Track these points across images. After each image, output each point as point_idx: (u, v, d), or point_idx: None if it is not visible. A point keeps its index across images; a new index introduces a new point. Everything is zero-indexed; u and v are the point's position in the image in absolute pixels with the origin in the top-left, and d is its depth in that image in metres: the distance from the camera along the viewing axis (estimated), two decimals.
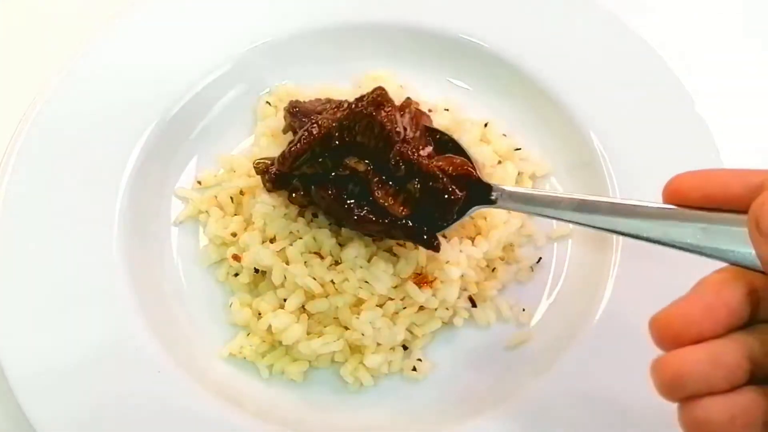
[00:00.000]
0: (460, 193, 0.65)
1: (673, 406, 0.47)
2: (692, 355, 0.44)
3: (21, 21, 0.95)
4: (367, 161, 0.66)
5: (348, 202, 0.67)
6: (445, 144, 0.70)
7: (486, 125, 0.82)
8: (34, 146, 0.75)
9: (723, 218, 0.47)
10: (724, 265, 0.48)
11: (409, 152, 0.65)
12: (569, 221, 0.60)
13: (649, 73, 0.79)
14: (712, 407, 0.43)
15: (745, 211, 0.44)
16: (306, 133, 0.67)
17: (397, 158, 0.65)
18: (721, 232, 0.47)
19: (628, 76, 0.80)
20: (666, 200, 0.51)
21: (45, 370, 0.65)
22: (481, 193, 0.66)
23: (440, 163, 0.67)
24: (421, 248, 0.70)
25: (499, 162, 0.79)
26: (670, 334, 0.45)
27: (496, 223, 0.74)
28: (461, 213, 0.67)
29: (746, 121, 0.84)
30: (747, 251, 0.45)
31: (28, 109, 0.76)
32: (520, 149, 0.81)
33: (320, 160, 0.67)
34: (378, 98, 0.66)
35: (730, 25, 0.95)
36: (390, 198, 0.66)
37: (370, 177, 0.66)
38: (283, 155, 0.69)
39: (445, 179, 0.65)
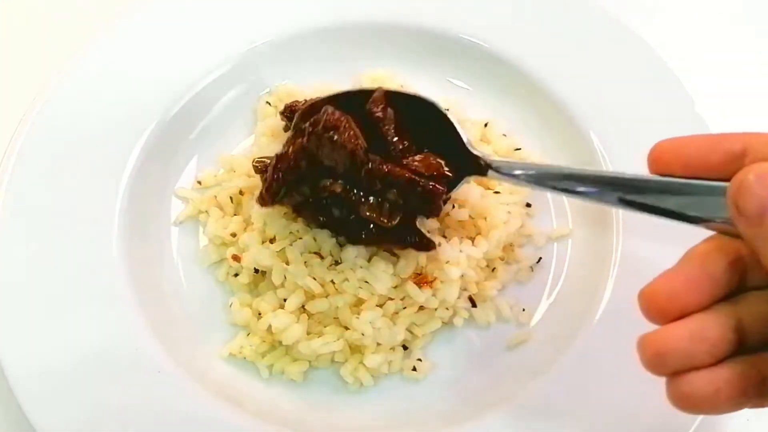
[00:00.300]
0: (441, 188, 0.65)
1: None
2: (673, 333, 0.45)
3: (21, 21, 0.95)
4: (341, 181, 0.65)
5: (339, 221, 0.67)
6: (425, 111, 0.68)
7: (486, 125, 0.82)
8: (34, 146, 0.75)
9: (704, 188, 0.47)
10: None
11: (378, 169, 0.64)
12: (554, 189, 0.59)
13: (649, 73, 0.79)
14: (695, 382, 0.44)
15: (727, 179, 0.44)
16: (274, 169, 0.67)
17: (369, 177, 0.65)
18: (702, 202, 0.48)
19: (628, 76, 0.80)
20: (650, 169, 0.51)
21: (45, 370, 0.65)
22: (470, 163, 0.65)
23: (416, 162, 0.66)
24: None
25: None
26: (656, 308, 0.46)
27: (496, 223, 0.74)
28: (452, 186, 0.66)
29: (746, 121, 0.84)
30: (729, 219, 0.45)
31: (28, 109, 0.76)
32: (520, 149, 0.81)
33: (298, 187, 0.67)
34: (330, 122, 0.64)
35: (731, 25, 0.95)
36: (375, 212, 0.65)
37: (350, 196, 0.65)
38: (261, 196, 0.68)
39: (422, 181, 0.65)
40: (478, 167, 0.65)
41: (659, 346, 0.45)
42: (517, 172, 0.62)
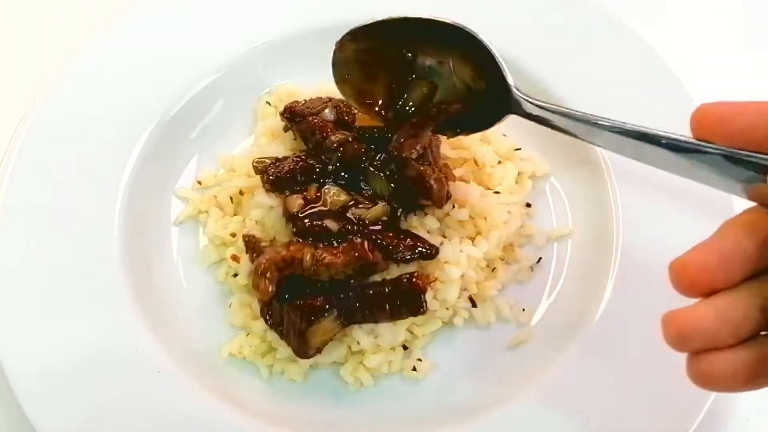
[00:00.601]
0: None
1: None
2: (698, 312, 0.44)
3: (21, 21, 0.95)
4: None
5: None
6: (466, 44, 0.68)
7: None
8: (34, 146, 0.75)
9: (746, 157, 0.47)
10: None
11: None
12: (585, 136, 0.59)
13: (649, 73, 0.79)
14: (715, 362, 0.44)
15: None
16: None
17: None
18: (742, 172, 0.47)
19: (629, 76, 0.80)
20: (693, 133, 0.50)
21: (45, 370, 0.65)
22: (511, 101, 0.65)
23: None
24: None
25: (499, 162, 0.79)
26: (685, 281, 0.45)
27: (496, 223, 0.74)
28: (492, 123, 0.67)
29: None
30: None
31: (28, 109, 0.76)
32: (520, 149, 0.81)
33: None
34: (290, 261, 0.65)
35: (730, 25, 0.95)
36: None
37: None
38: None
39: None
40: (518, 106, 0.64)
41: (683, 324, 0.44)
42: (556, 114, 0.62)
